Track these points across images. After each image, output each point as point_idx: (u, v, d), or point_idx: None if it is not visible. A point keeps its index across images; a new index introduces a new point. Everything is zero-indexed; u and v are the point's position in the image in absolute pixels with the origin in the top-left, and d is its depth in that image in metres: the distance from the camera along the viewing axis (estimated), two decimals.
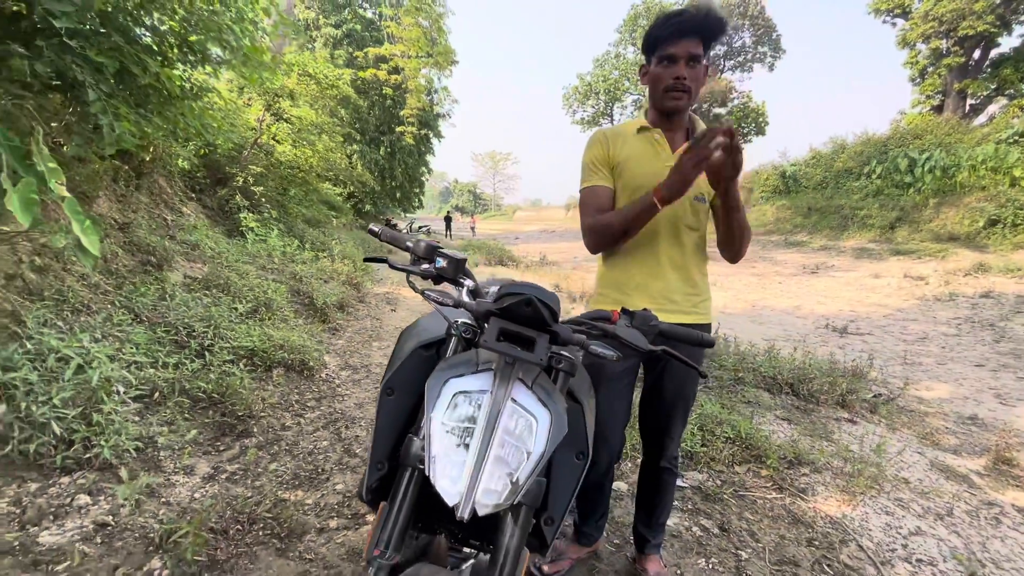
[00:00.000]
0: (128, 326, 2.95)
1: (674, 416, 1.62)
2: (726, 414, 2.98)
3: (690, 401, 1.63)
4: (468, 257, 1.14)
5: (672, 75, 1.35)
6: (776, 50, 31.55)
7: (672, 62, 1.35)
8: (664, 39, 1.34)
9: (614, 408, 1.57)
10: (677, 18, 1.32)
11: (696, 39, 1.34)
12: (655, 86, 1.40)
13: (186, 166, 6.43)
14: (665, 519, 1.76)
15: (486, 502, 0.83)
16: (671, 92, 1.37)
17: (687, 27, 1.32)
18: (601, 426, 1.57)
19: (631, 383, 1.60)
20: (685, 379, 1.57)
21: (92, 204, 4.06)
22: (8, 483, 1.67)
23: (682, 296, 1.49)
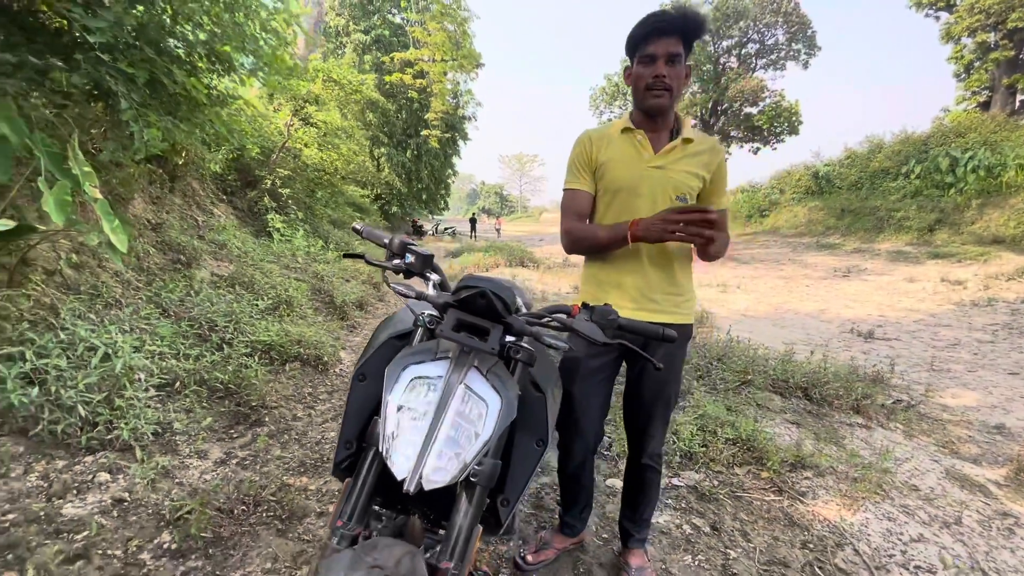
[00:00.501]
0: (155, 319, 3.14)
1: (653, 415, 1.63)
2: (729, 416, 2.96)
3: (671, 400, 1.64)
4: (434, 254, 1.20)
5: (652, 74, 1.37)
6: (811, 47, 30.62)
7: (652, 61, 1.38)
8: (644, 39, 1.38)
9: (589, 402, 1.61)
10: (656, 18, 1.36)
11: (675, 38, 1.36)
12: (636, 85, 1.43)
13: (217, 169, 6.72)
14: (649, 515, 1.78)
15: (435, 479, 0.89)
16: (652, 91, 1.39)
17: (666, 26, 1.35)
18: (576, 419, 1.61)
19: (608, 378, 1.63)
20: (666, 378, 1.58)
21: (128, 205, 4.31)
22: (38, 459, 1.83)
23: (663, 296, 1.51)
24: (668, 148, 1.48)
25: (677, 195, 1.47)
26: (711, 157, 1.49)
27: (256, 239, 6.57)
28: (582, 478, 1.76)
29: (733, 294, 9.21)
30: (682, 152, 1.48)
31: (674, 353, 1.56)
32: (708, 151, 1.50)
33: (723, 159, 1.52)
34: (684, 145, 1.49)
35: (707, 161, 1.49)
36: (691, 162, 1.48)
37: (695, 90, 31.87)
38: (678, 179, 1.47)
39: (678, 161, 1.48)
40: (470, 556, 0.97)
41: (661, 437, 1.69)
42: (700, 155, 1.49)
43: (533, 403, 1.16)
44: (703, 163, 1.49)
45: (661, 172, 1.47)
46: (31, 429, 1.88)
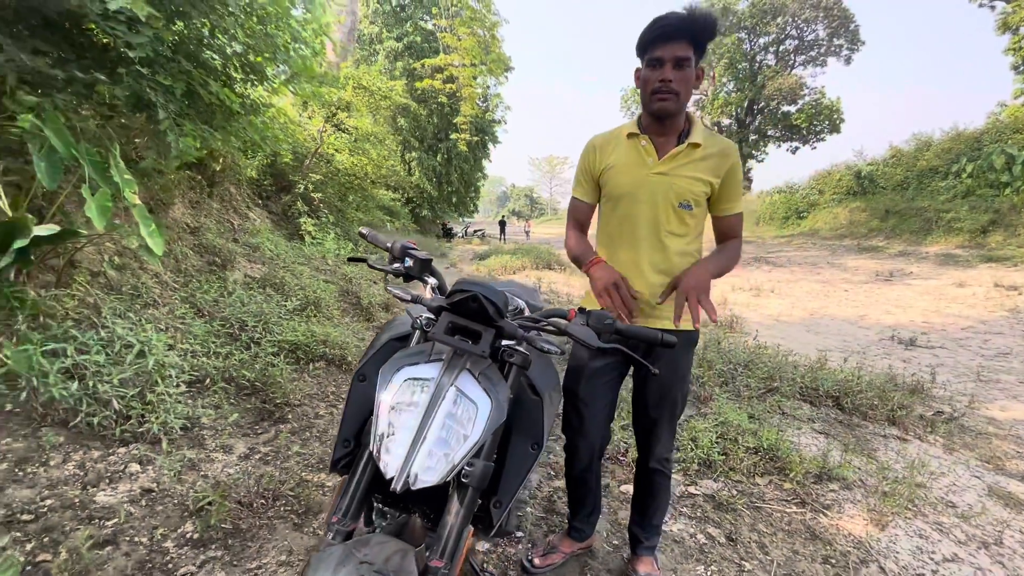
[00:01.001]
0: (190, 319, 3.29)
1: (659, 419, 1.61)
2: (752, 424, 2.88)
3: (677, 405, 1.61)
4: (433, 258, 1.23)
5: (658, 78, 1.35)
6: (853, 42, 29.45)
7: (659, 65, 1.35)
8: (651, 42, 1.36)
9: (595, 404, 1.60)
10: (664, 21, 1.34)
11: (684, 42, 1.34)
12: (644, 89, 1.41)
13: (254, 175, 6.99)
14: (659, 521, 1.76)
15: (424, 478, 0.91)
16: (658, 94, 1.37)
17: (673, 31, 1.33)
18: (581, 420, 1.62)
19: (613, 381, 1.61)
20: (670, 383, 1.55)
21: (168, 210, 4.53)
22: (76, 449, 1.95)
23: (667, 303, 1.48)
24: (673, 153, 1.45)
25: (680, 202, 1.45)
26: (720, 161, 1.45)
27: (289, 242, 6.79)
28: (588, 481, 1.75)
29: (766, 298, 8.93)
30: (688, 157, 1.45)
31: (677, 358, 1.53)
32: (717, 155, 1.45)
33: (736, 162, 1.46)
34: (691, 150, 1.45)
35: (716, 165, 1.45)
36: (697, 167, 1.44)
37: (730, 89, 31.16)
38: (681, 186, 1.44)
39: (683, 167, 1.45)
40: (460, 555, 0.99)
41: (668, 441, 1.67)
42: (708, 159, 1.45)
43: (529, 406, 1.17)
44: (711, 168, 1.44)
45: (663, 178, 1.45)
46: (71, 421, 2.00)
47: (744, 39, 30.11)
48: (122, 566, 1.57)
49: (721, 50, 29.29)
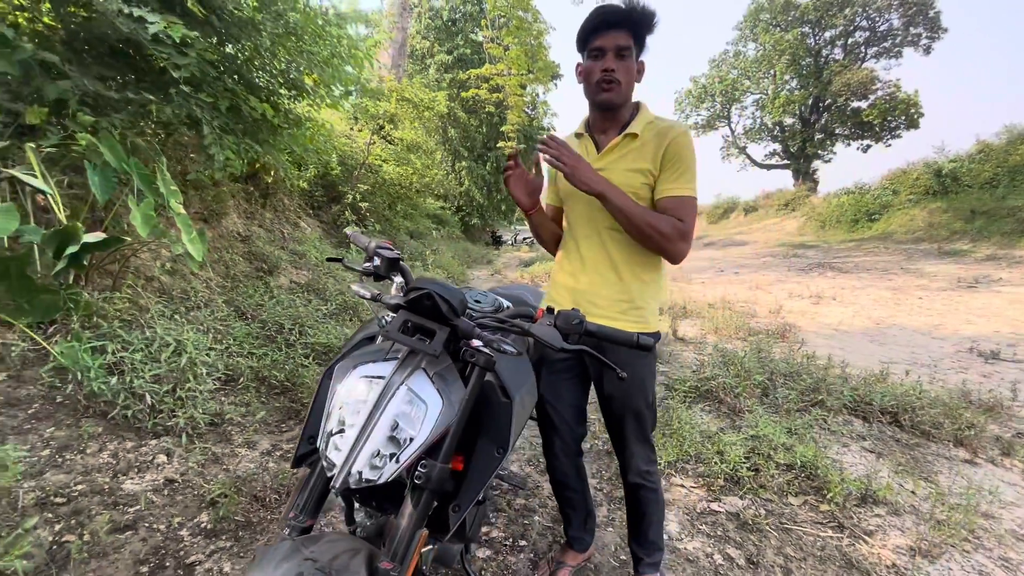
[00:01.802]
0: (232, 321, 3.49)
1: (624, 428, 1.54)
2: (789, 438, 2.68)
3: (643, 412, 1.52)
4: (402, 257, 1.22)
5: (601, 67, 1.32)
6: (934, 30, 27.13)
7: (601, 55, 1.33)
8: (592, 32, 1.33)
9: (560, 400, 1.58)
10: (604, 10, 1.31)
11: (624, 32, 1.31)
12: (587, 81, 1.38)
13: (305, 186, 7.35)
14: (656, 537, 1.65)
15: (368, 477, 0.90)
16: (601, 84, 1.34)
17: (613, 19, 1.31)
18: (550, 417, 1.61)
19: (577, 377, 1.58)
20: (630, 390, 1.48)
21: (221, 220, 4.85)
22: (111, 440, 2.10)
23: (608, 301, 1.44)
24: (610, 147, 1.42)
25: None
26: (657, 143, 1.36)
27: (336, 250, 7.09)
28: (571, 481, 1.70)
29: (826, 306, 8.33)
30: (624, 149, 1.40)
31: (631, 362, 1.42)
32: (656, 138, 1.37)
33: (674, 141, 1.35)
34: (628, 141, 1.40)
35: (653, 150, 1.36)
36: (634, 158, 1.38)
37: (793, 87, 29.57)
38: (618, 180, 1.37)
39: (619, 160, 1.41)
40: (411, 558, 0.97)
41: (644, 453, 1.58)
42: (645, 147, 1.38)
43: (497, 409, 1.14)
44: (647, 155, 1.37)
45: (601, 174, 1.37)
46: (109, 413, 2.16)
47: (808, 33, 28.55)
48: (137, 550, 1.66)
49: (782, 47, 27.91)
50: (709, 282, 11.52)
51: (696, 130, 35.18)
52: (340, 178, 8.20)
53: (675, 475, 2.46)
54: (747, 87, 32.13)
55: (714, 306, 7.66)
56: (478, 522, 1.24)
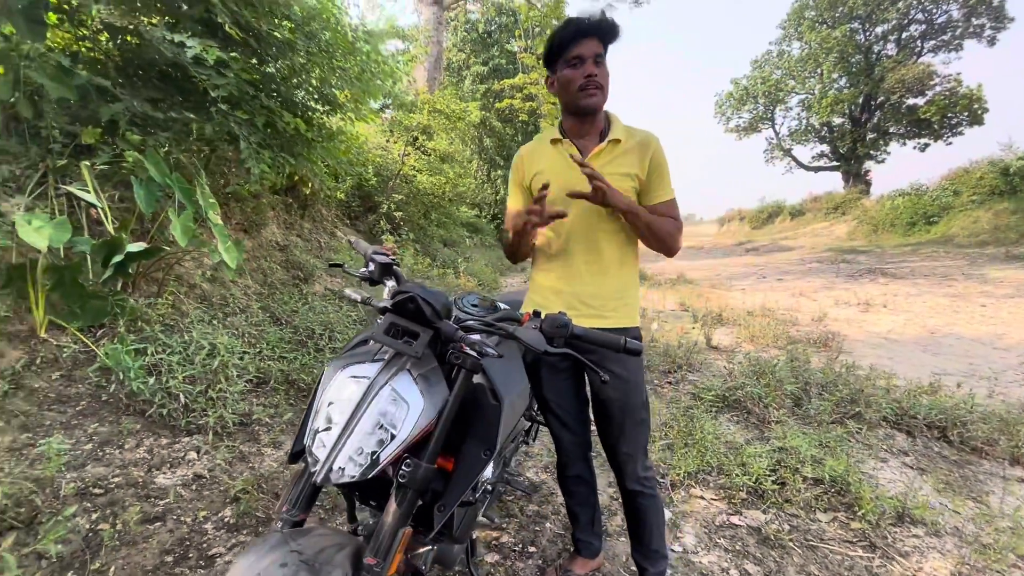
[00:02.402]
0: (266, 326, 3.66)
1: (621, 432, 1.53)
2: (820, 451, 2.55)
3: (639, 414, 1.52)
4: (395, 262, 1.25)
5: (584, 73, 1.37)
6: (998, 19, 25.36)
7: (581, 62, 1.37)
8: (569, 42, 1.38)
9: (562, 398, 1.59)
10: (578, 21, 1.38)
11: (597, 40, 1.38)
12: (567, 88, 1.41)
13: (342, 197, 7.62)
14: (658, 546, 1.62)
15: (350, 472, 0.93)
16: (586, 90, 1.38)
17: (588, 29, 1.36)
18: (556, 415, 1.61)
19: (571, 376, 1.58)
20: (624, 390, 1.48)
21: (261, 231, 5.09)
22: (148, 436, 2.24)
23: (598, 301, 1.47)
24: (595, 152, 1.45)
25: None
26: (642, 151, 1.44)
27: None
28: (583, 475, 1.70)
29: (876, 314, 7.89)
30: (611, 154, 1.45)
31: (624, 361, 1.44)
32: (638, 146, 1.45)
33: (656, 149, 1.45)
34: (613, 147, 1.45)
35: (639, 157, 1.44)
36: (621, 162, 1.44)
37: (841, 85, 28.33)
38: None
39: (608, 164, 1.44)
40: (394, 555, 0.99)
41: (640, 457, 1.57)
42: (630, 153, 1.44)
43: (487, 411, 1.15)
44: (634, 161, 1.44)
45: (588, 180, 1.39)
46: (147, 411, 2.31)
47: (857, 29, 27.33)
48: (164, 541, 1.76)
49: (829, 44, 26.82)
50: (750, 289, 11.14)
51: (737, 133, 34.24)
52: (376, 188, 8.45)
53: (695, 486, 2.39)
54: (792, 87, 31.02)
55: (753, 314, 7.40)
56: (467, 523, 1.25)
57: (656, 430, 2.90)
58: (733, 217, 39.84)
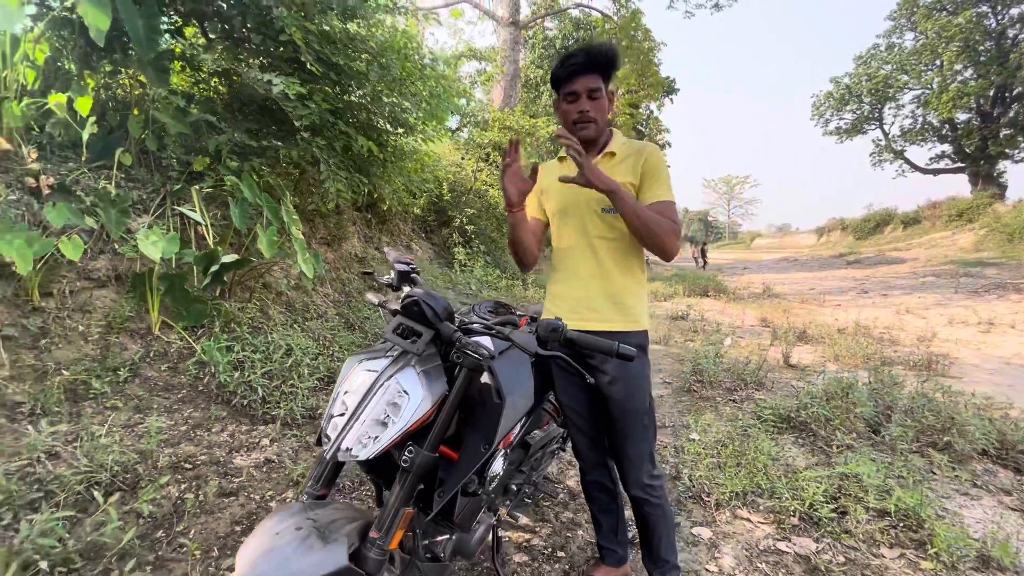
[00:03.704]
0: (341, 331, 4.01)
1: (622, 435, 1.54)
2: (889, 480, 2.32)
3: (641, 419, 1.52)
4: (412, 271, 1.38)
5: (576, 110, 1.47)
6: None
7: (575, 98, 1.46)
8: (565, 79, 1.46)
9: (577, 401, 1.62)
10: (573, 58, 1.45)
11: (593, 75, 1.44)
12: (564, 120, 1.52)
13: (418, 212, 8.09)
14: (667, 554, 1.59)
15: (355, 452, 1.06)
16: (578, 124, 1.48)
17: (581, 66, 1.43)
18: (572, 419, 1.66)
19: (586, 386, 1.58)
20: (628, 392, 1.49)
21: (342, 244, 5.57)
22: (231, 423, 2.57)
23: (606, 305, 1.51)
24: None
25: (603, 207, 1.50)
26: (636, 159, 1.50)
27: (442, 269, 7.67)
28: (602, 481, 1.72)
29: (1001, 335, 6.88)
30: (606, 166, 1.52)
31: (625, 364, 1.43)
32: (633, 155, 1.51)
33: (651, 155, 1.50)
34: (608, 159, 1.52)
35: (632, 165, 1.49)
36: (616, 172, 1.49)
37: (966, 76, 25.12)
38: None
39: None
40: (395, 531, 1.10)
41: (644, 463, 1.56)
42: (625, 162, 1.50)
43: (490, 408, 1.24)
44: (628, 169, 1.49)
45: (586, 190, 1.45)
46: (232, 400, 2.65)
47: (985, 14, 24.18)
48: (235, 514, 2.02)
49: (950, 32, 23.97)
50: (846, 304, 10.20)
51: (838, 135, 31.51)
52: (450, 204, 8.88)
53: (741, 507, 2.28)
54: (904, 83, 28.06)
55: (844, 331, 6.79)
56: (469, 512, 1.33)
57: (709, 447, 2.79)
58: (834, 227, 36.64)
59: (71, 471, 1.83)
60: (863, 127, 30.50)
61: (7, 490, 1.63)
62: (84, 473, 1.86)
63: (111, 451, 1.98)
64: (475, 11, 16.45)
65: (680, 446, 2.88)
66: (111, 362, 2.53)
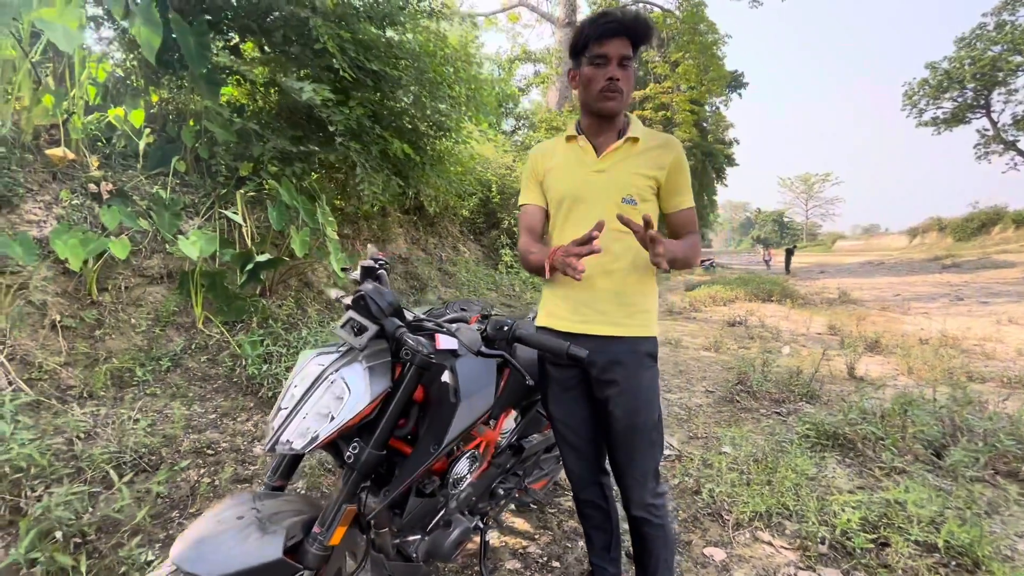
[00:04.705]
0: None
1: (629, 454, 1.39)
2: (944, 511, 2.03)
3: (647, 435, 1.36)
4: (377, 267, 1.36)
5: (605, 75, 1.29)
6: None
7: (605, 63, 1.29)
8: (595, 39, 1.29)
9: (572, 416, 1.48)
10: (607, 18, 1.28)
11: (626, 40, 1.29)
12: (588, 88, 1.33)
13: (467, 214, 8.20)
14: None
15: (296, 445, 1.06)
16: (605, 92, 1.30)
17: (618, 27, 1.27)
18: (563, 435, 1.53)
19: (581, 394, 1.45)
20: (635, 407, 1.34)
21: (387, 246, 5.75)
22: (256, 413, 2.70)
23: (614, 307, 1.34)
24: (612, 149, 1.36)
25: (623, 197, 1.32)
26: (663, 153, 1.35)
27: (487, 271, 7.72)
28: (593, 499, 1.59)
29: None
30: (627, 152, 1.36)
31: (635, 374, 1.31)
32: (659, 147, 1.36)
33: (679, 155, 1.36)
34: (630, 145, 1.37)
35: (657, 158, 1.35)
36: (638, 161, 1.34)
37: None
38: (624, 180, 1.33)
39: (622, 162, 1.35)
40: (336, 526, 1.09)
41: (647, 482, 1.40)
42: (649, 152, 1.36)
43: (444, 408, 1.20)
44: (652, 161, 1.35)
45: (603, 175, 1.35)
46: (259, 391, 2.79)
47: None
48: None
49: None
50: (936, 312, 9.17)
51: (935, 126, 28.55)
52: (499, 206, 8.93)
53: (763, 529, 2.08)
54: (1016, 64, 24.92)
55: (927, 342, 6.10)
56: (421, 514, 1.30)
57: (740, 462, 2.59)
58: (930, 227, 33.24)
59: (100, 450, 2.00)
60: (966, 116, 27.44)
61: (41, 465, 1.80)
62: (112, 453, 2.02)
63: (138, 434, 2.14)
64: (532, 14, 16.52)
65: (708, 459, 2.69)
66: (155, 352, 2.75)
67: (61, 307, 2.56)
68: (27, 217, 2.64)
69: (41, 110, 2.77)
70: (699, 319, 8.28)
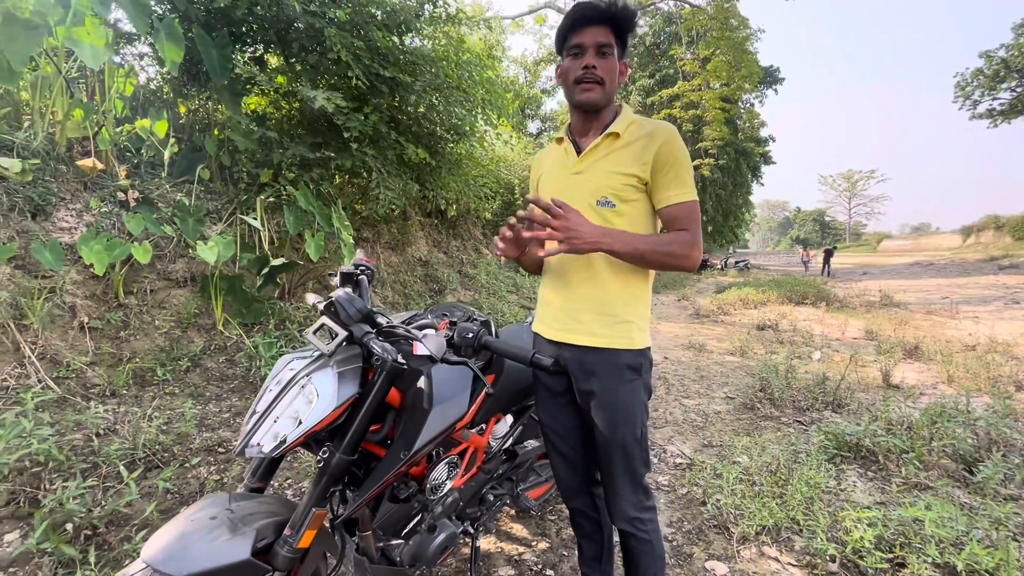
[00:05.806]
0: None
1: (612, 464, 1.33)
2: (971, 530, 1.90)
3: (631, 447, 1.30)
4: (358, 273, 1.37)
5: (580, 66, 1.22)
6: None
7: (580, 52, 1.23)
8: (571, 29, 1.24)
9: (559, 424, 1.44)
10: (583, 6, 1.22)
11: (605, 28, 1.21)
12: (566, 81, 1.28)
13: (489, 216, 8.23)
14: None
15: (265, 448, 1.08)
16: (581, 84, 1.23)
17: (592, 14, 1.20)
18: (553, 443, 1.49)
19: (571, 404, 1.40)
20: (615, 419, 1.28)
21: (406, 249, 5.83)
22: None
23: (592, 317, 1.27)
24: (590, 149, 1.27)
25: (597, 200, 1.24)
26: (646, 147, 1.22)
27: (508, 273, 7.72)
28: (583, 508, 1.55)
29: None
30: (608, 149, 1.26)
31: (612, 387, 1.25)
32: (642, 140, 1.23)
33: (666, 142, 1.21)
34: (610, 142, 1.26)
35: (639, 152, 1.22)
36: (617, 159, 1.24)
37: None
38: (597, 182, 1.24)
39: (600, 161, 1.26)
40: (305, 529, 1.10)
41: (633, 496, 1.34)
42: (630, 147, 1.24)
43: (417, 415, 1.20)
44: (633, 157, 1.23)
45: (579, 178, 1.28)
46: None
47: None
48: None
49: None
50: (987, 317, 8.62)
51: (991, 118, 26.90)
52: (522, 208, 8.93)
53: (770, 544, 1.99)
54: None
55: (974, 348, 5.74)
56: (394, 519, 1.30)
57: (752, 473, 2.49)
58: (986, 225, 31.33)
59: (116, 447, 2.09)
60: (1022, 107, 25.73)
61: (59, 460, 1.91)
62: (127, 450, 2.11)
63: (151, 432, 2.23)
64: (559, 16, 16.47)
65: (719, 469, 2.61)
66: (176, 352, 2.87)
67: (89, 309, 2.70)
68: (60, 224, 2.80)
69: (73, 123, 2.94)
70: (727, 323, 8.05)
